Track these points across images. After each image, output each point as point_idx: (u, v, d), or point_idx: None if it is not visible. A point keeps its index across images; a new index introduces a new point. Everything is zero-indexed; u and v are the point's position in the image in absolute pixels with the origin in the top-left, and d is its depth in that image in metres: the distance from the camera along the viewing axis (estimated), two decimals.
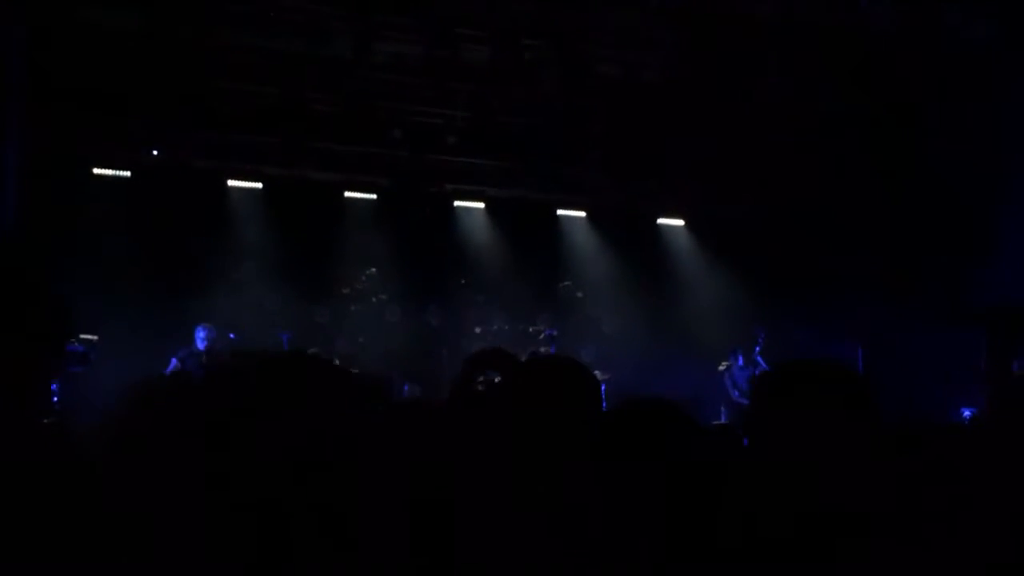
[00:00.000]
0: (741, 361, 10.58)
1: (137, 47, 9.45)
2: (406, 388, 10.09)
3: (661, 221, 12.82)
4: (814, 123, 10.70)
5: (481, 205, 12.09)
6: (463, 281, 11.68)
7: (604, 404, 2.19)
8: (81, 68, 9.29)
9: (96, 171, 10.54)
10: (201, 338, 9.08)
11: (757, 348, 10.30)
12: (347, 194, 11.58)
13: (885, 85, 10.12)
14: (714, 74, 10.21)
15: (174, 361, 8.91)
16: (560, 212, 12.46)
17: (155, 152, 10.42)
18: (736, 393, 10.59)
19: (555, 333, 10.44)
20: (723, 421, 10.60)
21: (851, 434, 1.67)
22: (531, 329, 10.86)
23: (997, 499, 1.73)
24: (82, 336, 8.51)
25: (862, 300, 10.90)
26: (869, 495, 1.58)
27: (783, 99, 10.48)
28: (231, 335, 9.34)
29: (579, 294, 12.01)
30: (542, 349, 10.19)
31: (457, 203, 12.01)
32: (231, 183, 11.09)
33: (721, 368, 11.12)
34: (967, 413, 9.86)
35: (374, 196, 11.65)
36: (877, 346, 10.65)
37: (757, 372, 10.14)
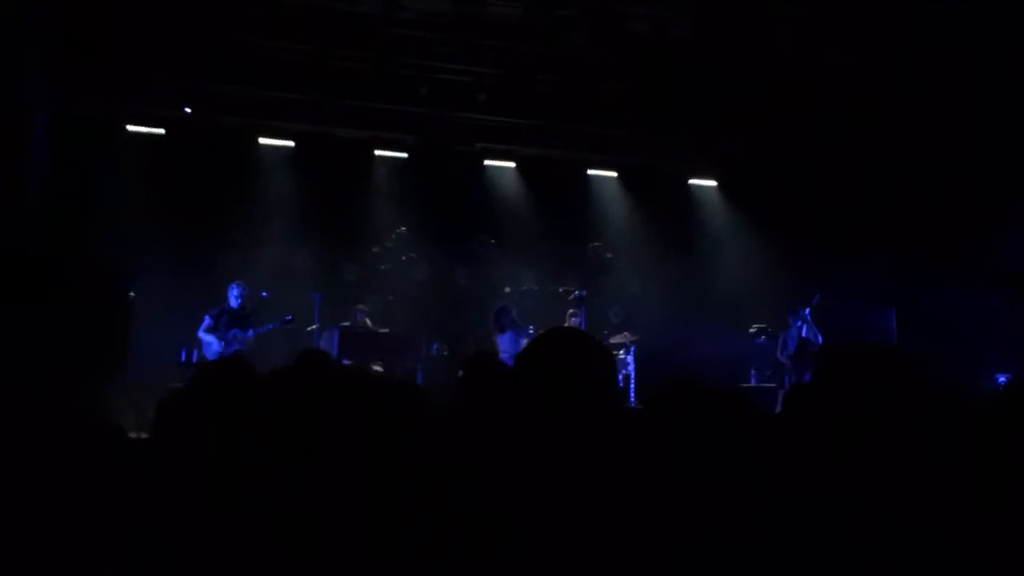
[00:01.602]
0: (800, 321, 10.04)
1: (170, 4, 9.47)
2: (435, 347, 10.17)
3: (692, 181, 12.69)
4: (845, 83, 10.48)
5: (511, 164, 12.04)
6: (492, 240, 11.67)
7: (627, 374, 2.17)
8: (114, 26, 9.33)
9: (130, 128, 10.65)
10: (234, 295, 9.17)
11: (807, 310, 10.03)
12: (377, 152, 11.59)
13: (918, 42, 9.86)
14: (746, 30, 10.01)
15: (207, 319, 9.03)
16: (591, 172, 12.38)
17: (187, 109, 10.48)
18: (783, 355, 10.19)
19: (584, 294, 10.42)
20: (752, 383, 10.56)
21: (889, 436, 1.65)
22: (560, 289, 10.85)
23: None
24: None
25: (897, 263, 10.75)
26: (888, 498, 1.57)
27: (815, 57, 10.26)
28: (263, 293, 9.43)
29: (609, 255, 11.96)
30: (571, 310, 10.19)
31: (487, 162, 11.97)
32: (262, 140, 11.14)
33: (752, 330, 11.01)
34: (1002, 379, 9.76)
35: (404, 154, 11.65)
36: (912, 310, 10.53)
37: (809, 336, 9.90)
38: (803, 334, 9.89)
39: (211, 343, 8.94)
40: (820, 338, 9.78)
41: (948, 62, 9.90)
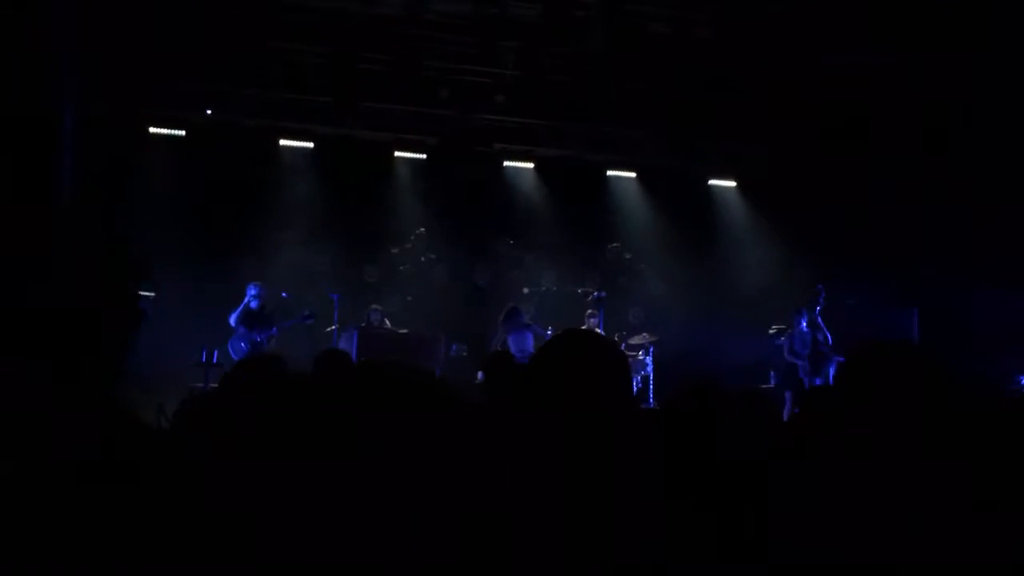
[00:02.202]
0: (805, 324, 9.99)
1: (191, 6, 9.55)
2: (454, 348, 10.18)
3: (712, 182, 12.63)
4: (868, 82, 10.41)
5: (530, 165, 12.03)
6: (511, 241, 11.68)
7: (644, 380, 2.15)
8: (136, 28, 9.40)
9: (152, 130, 10.74)
10: (253, 296, 9.23)
11: (818, 308, 9.95)
12: (396, 154, 11.62)
13: (942, 40, 9.78)
14: (766, 31, 9.96)
15: (232, 319, 9.10)
16: (610, 173, 12.34)
17: (209, 112, 10.55)
18: (791, 355, 10.09)
19: (603, 295, 10.40)
20: (772, 385, 10.50)
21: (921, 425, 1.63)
22: (579, 291, 10.84)
23: None
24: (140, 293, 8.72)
25: (918, 263, 10.67)
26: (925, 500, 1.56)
27: (836, 56, 10.20)
28: (283, 294, 9.48)
29: (628, 256, 11.93)
30: (589, 311, 10.17)
31: (506, 163, 11.97)
32: (283, 142, 11.19)
33: (772, 331, 10.95)
34: None
35: (423, 156, 11.67)
36: (933, 311, 10.44)
37: (819, 336, 9.81)
38: (819, 338, 9.81)
39: (240, 340, 9.00)
40: (830, 337, 9.72)
41: (969, 59, 9.82)
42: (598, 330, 9.76)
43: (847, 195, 11.22)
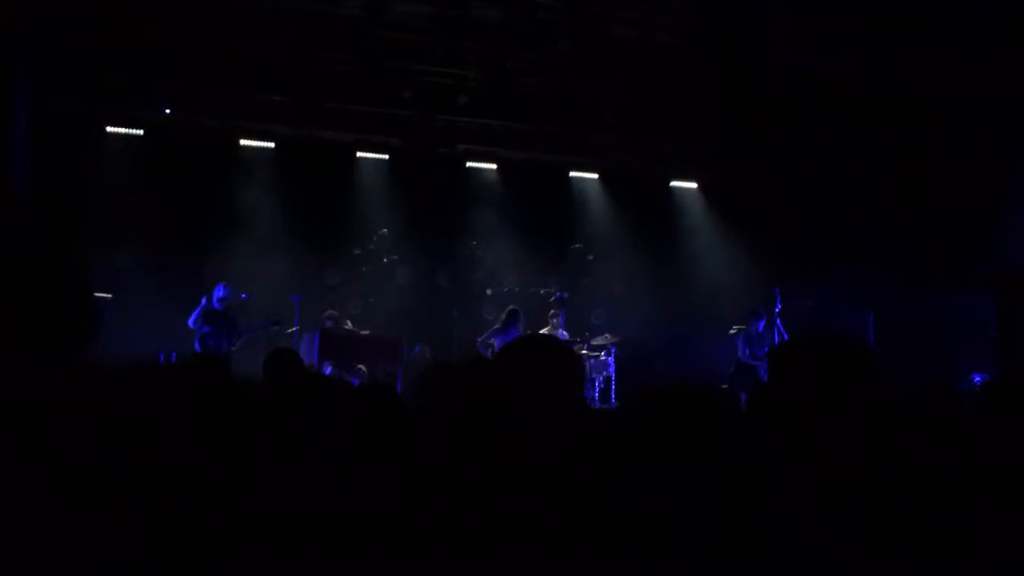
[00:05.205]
0: (763, 325, 10.04)
1: (149, 5, 9.44)
2: (416, 349, 10.16)
3: (674, 184, 12.74)
4: (826, 88, 10.58)
5: (493, 166, 12.05)
6: (474, 243, 11.68)
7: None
8: (94, 26, 9.28)
9: (110, 129, 10.58)
10: (218, 297, 9.10)
11: (776, 309, 10.05)
12: (359, 154, 11.58)
13: (895, 50, 9.97)
14: (728, 36, 10.08)
15: (196, 315, 8.99)
16: (572, 174, 12.40)
17: (167, 111, 10.43)
18: (747, 352, 10.13)
19: (566, 296, 10.43)
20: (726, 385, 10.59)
21: (851, 416, 1.66)
22: (542, 291, 10.86)
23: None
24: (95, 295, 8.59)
25: (873, 266, 10.85)
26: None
27: (796, 63, 10.35)
28: (243, 295, 9.39)
29: (590, 257, 11.98)
30: (552, 311, 10.20)
31: (469, 164, 11.98)
32: (243, 142, 11.09)
33: (732, 331, 11.06)
34: (977, 379, 9.85)
35: (386, 157, 11.64)
36: (888, 313, 10.62)
37: (777, 338, 9.91)
38: (775, 342, 9.91)
39: (207, 340, 8.87)
40: (787, 338, 9.84)
41: (922, 64, 10.01)
42: (561, 331, 9.81)
43: (806, 198, 11.39)
